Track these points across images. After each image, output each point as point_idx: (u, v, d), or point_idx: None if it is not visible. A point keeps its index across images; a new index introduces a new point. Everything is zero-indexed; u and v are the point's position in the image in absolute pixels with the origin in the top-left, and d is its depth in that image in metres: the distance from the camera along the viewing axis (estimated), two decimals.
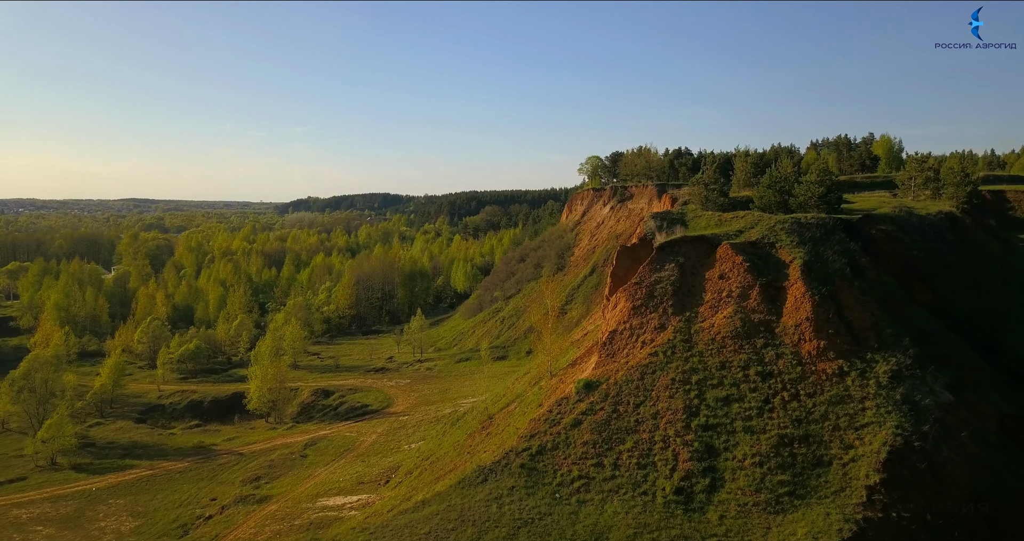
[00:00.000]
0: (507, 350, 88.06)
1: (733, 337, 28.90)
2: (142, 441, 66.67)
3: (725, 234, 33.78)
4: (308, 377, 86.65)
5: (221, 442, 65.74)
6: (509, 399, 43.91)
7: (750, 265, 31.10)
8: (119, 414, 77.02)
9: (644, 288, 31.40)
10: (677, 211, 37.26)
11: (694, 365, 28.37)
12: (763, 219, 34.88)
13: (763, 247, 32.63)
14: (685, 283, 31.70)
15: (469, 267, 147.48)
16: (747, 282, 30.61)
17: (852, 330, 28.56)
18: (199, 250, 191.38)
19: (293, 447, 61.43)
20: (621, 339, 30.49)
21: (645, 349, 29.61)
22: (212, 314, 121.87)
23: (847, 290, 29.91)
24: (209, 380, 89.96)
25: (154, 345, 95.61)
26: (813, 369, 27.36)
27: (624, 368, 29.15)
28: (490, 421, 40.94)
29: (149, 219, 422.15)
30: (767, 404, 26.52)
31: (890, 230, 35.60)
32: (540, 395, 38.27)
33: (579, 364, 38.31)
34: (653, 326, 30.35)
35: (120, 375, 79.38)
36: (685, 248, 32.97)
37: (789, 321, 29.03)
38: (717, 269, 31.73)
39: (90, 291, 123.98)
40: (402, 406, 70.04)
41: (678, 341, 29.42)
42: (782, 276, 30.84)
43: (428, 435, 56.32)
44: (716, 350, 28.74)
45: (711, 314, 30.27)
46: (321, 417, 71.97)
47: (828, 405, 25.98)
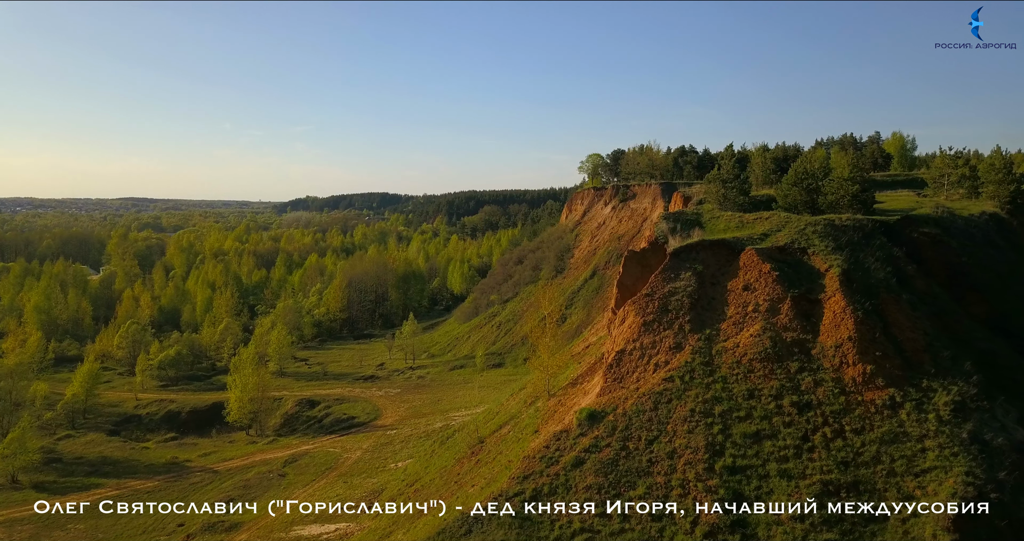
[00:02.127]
0: (503, 357, 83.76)
1: (762, 359, 24.59)
2: (112, 456, 62.33)
3: (748, 238, 29.48)
4: (294, 385, 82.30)
5: (196, 457, 61.43)
6: (502, 420, 39.62)
7: (779, 274, 26.79)
8: (92, 425, 72.63)
9: (657, 300, 27.10)
10: (692, 211, 32.95)
11: (717, 393, 24.06)
12: (791, 221, 30.57)
13: (793, 253, 28.33)
14: (704, 295, 27.39)
15: (466, 268, 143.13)
16: (776, 294, 26.31)
17: (903, 352, 24.26)
18: (190, 250, 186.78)
19: (272, 464, 57.14)
20: (630, 361, 26.18)
21: (659, 373, 25.30)
22: (199, 317, 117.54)
23: (894, 304, 25.62)
24: (191, 388, 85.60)
25: (134, 350, 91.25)
26: (859, 399, 23.06)
27: (634, 396, 24.84)
28: (480, 446, 36.64)
29: (146, 218, 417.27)
30: (806, 442, 22.22)
31: (934, 234, 31.31)
32: (536, 419, 33.99)
33: (581, 384, 34.02)
34: (668, 345, 26.04)
35: (94, 383, 75.01)
36: (703, 254, 28.67)
37: (828, 341, 24.73)
38: (741, 279, 27.42)
39: (72, 293, 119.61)
40: (391, 419, 65.75)
41: (697, 364, 25.11)
42: (817, 287, 26.54)
43: (416, 452, 52.08)
44: (742, 375, 24.43)
45: (735, 332, 25.97)
46: (305, 430, 67.65)
47: (880, 444, 21.68)
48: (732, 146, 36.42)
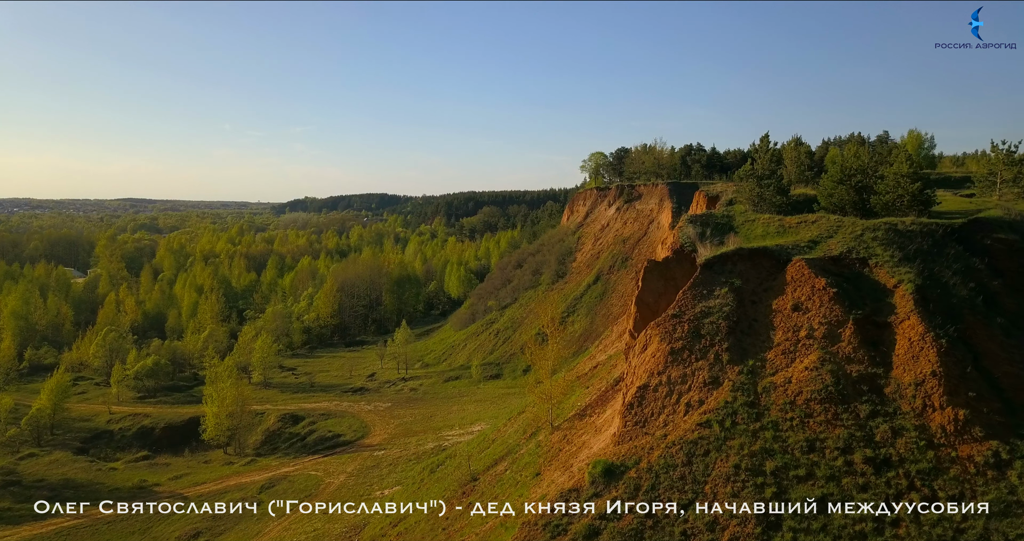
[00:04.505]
0: (501, 368, 78.66)
1: (823, 400, 19.56)
2: (76, 479, 57.19)
3: (794, 246, 24.45)
4: (278, 398, 77.17)
5: (166, 480, 56.32)
6: (498, 452, 34.57)
7: (838, 291, 21.76)
8: (59, 442, 67.50)
9: (686, 323, 22.05)
10: (721, 213, 27.91)
11: (767, 444, 19.03)
12: (843, 225, 25.54)
13: (851, 265, 23.31)
14: (744, 316, 22.35)
15: (463, 271, 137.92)
16: (835, 316, 21.29)
17: (1001, 392, 19.26)
18: (181, 252, 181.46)
19: (248, 489, 52.08)
20: (655, 399, 21.12)
21: (691, 416, 20.26)
22: (185, 323, 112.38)
23: (984, 330, 20.62)
24: (169, 400, 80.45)
25: (111, 359, 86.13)
26: (953, 455, 18.04)
27: (661, 445, 19.80)
28: (472, 485, 31.60)
29: (142, 219, 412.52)
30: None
31: (1012, 240, 26.26)
32: (537, 457, 28.96)
33: (591, 417, 28.98)
34: (701, 380, 21.00)
35: (63, 397, 69.99)
36: (741, 265, 23.63)
37: (905, 377, 19.71)
38: (789, 296, 22.38)
39: (51, 297, 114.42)
40: (379, 437, 60.66)
41: (740, 404, 20.08)
42: (884, 307, 21.51)
43: (405, 478, 47.05)
44: (799, 421, 19.41)
45: (785, 363, 20.93)
46: (287, 449, 62.56)
47: (987, 519, 16.65)
48: (768, 137, 31.20)
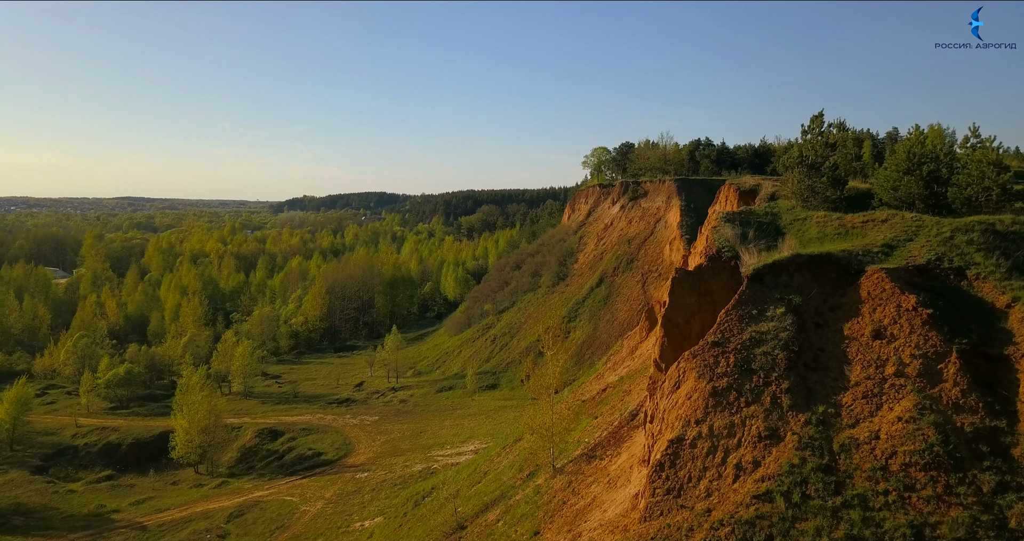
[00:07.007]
0: (498, 377, 73.37)
1: (927, 465, 14.24)
2: (28, 503, 51.88)
3: (865, 251, 19.10)
4: (258, 409, 71.89)
5: (127, 506, 51.05)
6: (490, 493, 29.24)
7: (933, 312, 16.43)
8: (18, 460, 62.17)
9: (732, 355, 16.72)
10: (765, 210, 22.56)
11: (855, 529, 13.69)
12: (924, 225, 20.18)
13: (944, 276, 17.98)
14: (808, 345, 17.01)
15: (461, 271, 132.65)
16: (932, 347, 15.96)
17: None
18: (170, 252, 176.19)
19: (214, 518, 46.81)
20: (694, 458, 15.77)
21: (744, 483, 14.93)
22: (167, 326, 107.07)
23: None
24: (143, 411, 75.15)
25: (82, 367, 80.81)
26: None
27: (705, 525, 14.45)
28: (459, 537, 26.29)
29: (139, 218, 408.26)
30: None
31: None
32: (536, 508, 23.64)
33: (600, 458, 23.66)
34: (755, 433, 15.66)
35: (23, 409, 64.72)
36: (799, 277, 18.29)
37: None
38: (867, 319, 17.04)
39: (28, 299, 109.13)
40: (363, 456, 55.38)
41: (811, 469, 14.74)
42: (997, 334, 16.20)
43: (387, 508, 41.71)
44: (896, 495, 14.08)
45: (868, 411, 15.60)
46: (262, 468, 57.26)
47: None
48: (822, 116, 25.83)
